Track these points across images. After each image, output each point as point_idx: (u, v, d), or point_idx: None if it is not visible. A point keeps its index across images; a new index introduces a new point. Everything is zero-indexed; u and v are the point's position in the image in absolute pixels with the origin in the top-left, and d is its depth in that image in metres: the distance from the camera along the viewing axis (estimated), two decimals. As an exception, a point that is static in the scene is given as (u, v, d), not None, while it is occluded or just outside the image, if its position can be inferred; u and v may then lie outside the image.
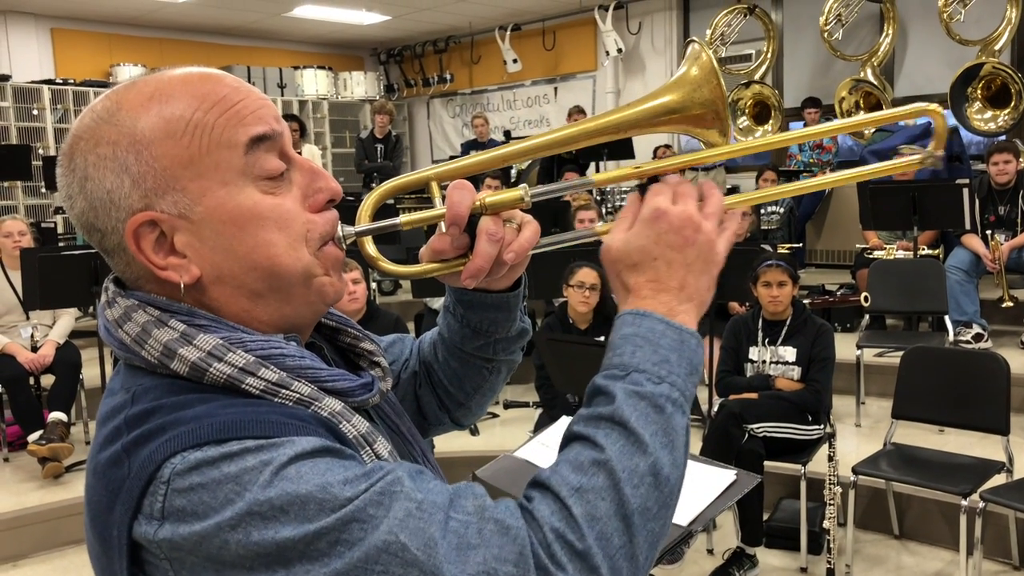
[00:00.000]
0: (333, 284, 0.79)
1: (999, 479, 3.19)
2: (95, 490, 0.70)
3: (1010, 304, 5.16)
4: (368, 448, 0.74)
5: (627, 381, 0.72)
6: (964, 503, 3.05)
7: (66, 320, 4.74)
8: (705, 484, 1.95)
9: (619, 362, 0.74)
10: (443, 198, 0.81)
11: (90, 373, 4.73)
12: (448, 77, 11.13)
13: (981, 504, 3.03)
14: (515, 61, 10.16)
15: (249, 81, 9.14)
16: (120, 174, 0.72)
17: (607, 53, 9.39)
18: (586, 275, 3.93)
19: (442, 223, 0.81)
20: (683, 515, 1.77)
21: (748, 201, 0.89)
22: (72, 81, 9.20)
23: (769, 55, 8.40)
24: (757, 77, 8.37)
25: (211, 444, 0.65)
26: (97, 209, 0.74)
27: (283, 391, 0.71)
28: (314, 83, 10.84)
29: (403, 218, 0.82)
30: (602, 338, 3.85)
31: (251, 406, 0.69)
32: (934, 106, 0.88)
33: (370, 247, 0.83)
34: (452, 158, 7.60)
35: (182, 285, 0.74)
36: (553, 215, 6.43)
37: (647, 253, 0.78)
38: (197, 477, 0.64)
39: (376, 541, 0.62)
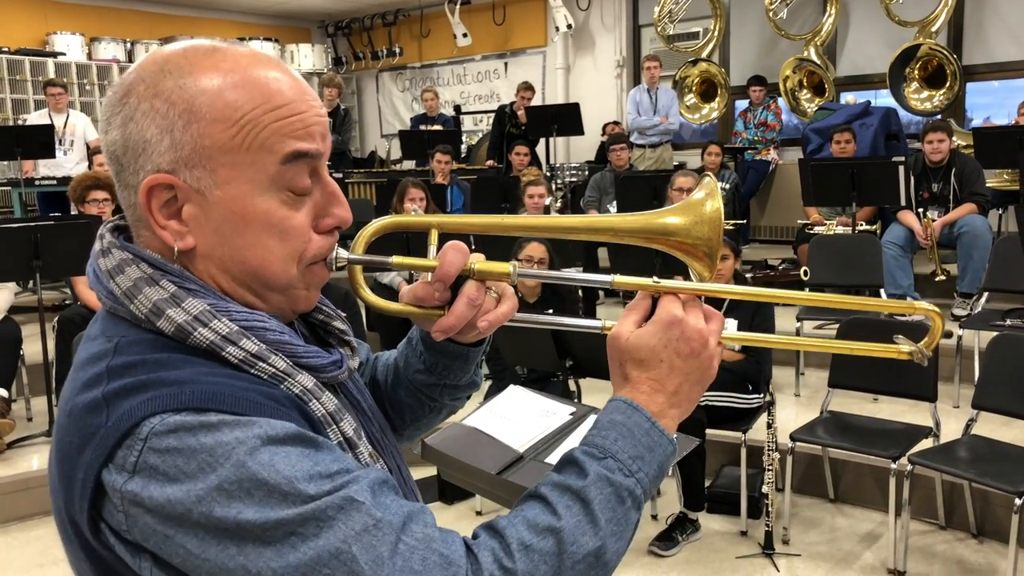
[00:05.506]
0: (308, 299, 0.83)
1: (927, 443, 3.35)
2: (67, 431, 0.72)
3: (942, 278, 5.37)
4: (334, 426, 0.79)
5: (602, 465, 0.77)
6: (893, 466, 3.20)
7: (5, 295, 4.63)
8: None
9: (600, 443, 0.79)
10: (438, 248, 0.85)
11: (31, 349, 4.63)
12: (397, 51, 11.02)
13: (909, 467, 3.18)
14: (465, 35, 10.10)
15: None
16: (164, 133, 0.75)
17: (557, 29, 9.40)
18: (534, 249, 3.98)
19: (430, 274, 0.84)
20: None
21: (744, 340, 0.93)
22: (6, 49, 8.88)
23: (716, 33, 8.50)
24: (704, 55, 8.47)
25: (191, 411, 0.68)
26: (128, 148, 0.76)
27: (260, 363, 0.75)
28: (260, 55, 10.62)
29: (395, 258, 0.85)
30: (551, 311, 3.91)
31: (232, 379, 0.73)
32: (925, 305, 0.93)
33: (358, 275, 0.87)
34: (401, 132, 7.52)
35: (176, 249, 0.77)
36: (503, 191, 6.46)
37: (655, 353, 0.83)
38: (174, 440, 0.67)
39: (329, 546, 0.66)
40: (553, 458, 1.96)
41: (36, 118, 7.48)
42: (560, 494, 0.75)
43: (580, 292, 4.86)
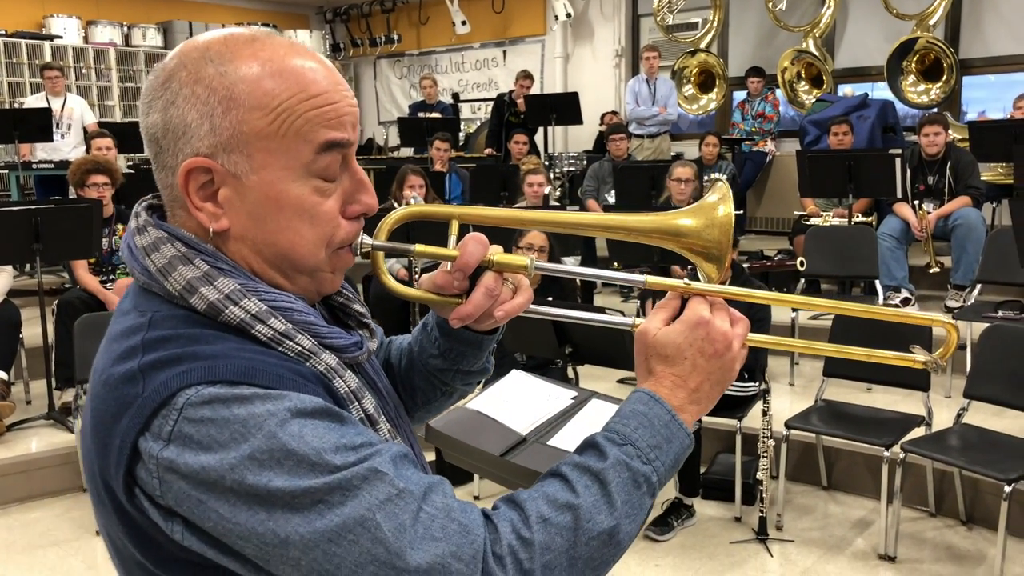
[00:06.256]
0: (333, 282, 0.87)
1: (919, 432, 3.40)
2: (103, 399, 0.75)
3: (936, 270, 5.42)
4: (356, 403, 0.82)
5: (621, 451, 0.80)
6: (886, 454, 3.25)
7: (3, 279, 4.64)
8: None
9: (621, 431, 0.82)
10: (458, 239, 0.89)
11: (30, 332, 4.65)
12: (396, 37, 11.00)
13: (901, 455, 3.23)
14: (464, 23, 10.09)
15: (191, 38, 9.13)
16: (204, 118, 0.78)
17: (556, 18, 9.39)
18: (535, 237, 4.01)
19: (450, 263, 0.88)
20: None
21: (767, 343, 0.97)
22: (3, 32, 8.85)
23: (715, 24, 8.50)
24: (703, 46, 8.48)
25: (224, 384, 0.72)
26: (168, 131, 0.79)
27: (287, 342, 0.79)
28: (258, 40, 10.58)
29: (417, 247, 0.89)
30: (550, 299, 3.94)
31: (262, 355, 0.76)
32: (943, 318, 0.95)
33: (380, 260, 0.90)
34: (400, 119, 7.52)
35: (211, 230, 0.80)
36: (503, 179, 6.49)
37: (680, 351, 0.87)
38: (208, 411, 0.71)
39: (355, 513, 0.70)
40: (555, 440, 2.00)
41: (33, 101, 7.46)
42: (580, 474, 0.78)
43: (578, 281, 4.89)
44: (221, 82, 0.78)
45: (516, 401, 2.11)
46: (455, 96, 10.15)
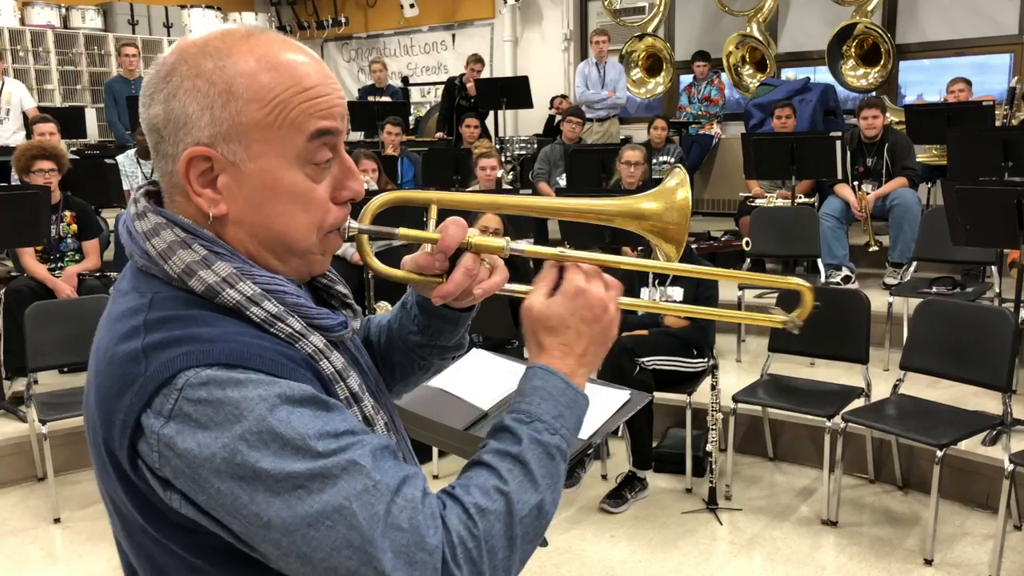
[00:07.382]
0: (322, 263, 0.93)
1: (859, 403, 3.57)
2: (107, 376, 0.81)
3: (875, 248, 5.63)
4: (342, 383, 0.88)
5: (531, 428, 0.88)
6: (828, 424, 3.41)
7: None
8: (603, 403, 2.16)
9: (526, 409, 0.89)
10: (437, 222, 0.96)
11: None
12: (343, 20, 10.89)
13: (842, 425, 3.39)
14: (412, 5, 10.04)
15: (132, 20, 8.59)
16: (204, 109, 0.83)
17: (505, 1, 9.41)
18: (489, 220, 4.06)
19: (431, 245, 0.95)
20: (584, 430, 1.95)
21: (638, 306, 1.06)
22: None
23: (662, 8, 8.61)
24: (650, 30, 8.59)
25: (221, 366, 0.78)
26: (170, 122, 0.84)
27: (279, 324, 0.84)
28: (202, 24, 10.39)
29: (401, 230, 0.95)
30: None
31: (256, 338, 0.82)
32: (798, 281, 1.05)
33: (364, 243, 0.96)
34: (350, 103, 7.44)
35: (210, 216, 0.85)
36: (455, 162, 6.52)
37: (563, 321, 0.94)
38: (205, 393, 0.76)
39: (333, 501, 0.76)
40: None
41: (-31, 86, 7.23)
42: (501, 459, 0.86)
43: (532, 263, 4.96)
44: (220, 76, 0.83)
45: (477, 378, 2.19)
46: (404, 80, 10.11)
